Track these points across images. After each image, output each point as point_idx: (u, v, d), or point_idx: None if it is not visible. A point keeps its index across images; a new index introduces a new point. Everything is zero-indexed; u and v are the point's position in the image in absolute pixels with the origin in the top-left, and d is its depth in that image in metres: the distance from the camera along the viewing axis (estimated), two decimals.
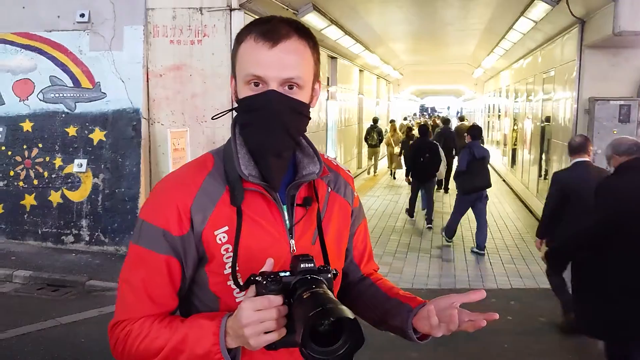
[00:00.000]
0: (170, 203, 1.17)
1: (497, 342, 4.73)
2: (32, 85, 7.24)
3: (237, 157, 1.18)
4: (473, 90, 26.16)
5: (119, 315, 1.19)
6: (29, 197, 7.27)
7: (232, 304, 1.15)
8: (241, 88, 1.17)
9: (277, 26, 1.15)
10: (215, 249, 1.17)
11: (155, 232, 1.16)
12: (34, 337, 4.58)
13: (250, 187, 1.17)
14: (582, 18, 7.25)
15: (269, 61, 1.12)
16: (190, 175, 1.21)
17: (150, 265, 1.17)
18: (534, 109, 11.08)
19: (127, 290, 1.19)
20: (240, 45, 1.17)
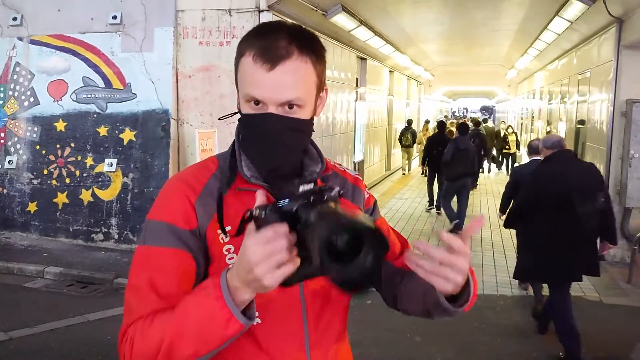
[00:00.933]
0: (176, 199, 1.15)
1: (524, 350, 4.60)
2: (66, 86, 7.41)
3: (240, 159, 1.18)
4: (506, 91, 25.68)
5: (127, 321, 1.10)
6: (61, 195, 7.44)
7: None
8: (242, 102, 1.15)
9: (276, 43, 1.09)
10: (218, 249, 1.14)
11: (161, 228, 1.13)
12: (62, 333, 4.68)
13: (252, 188, 1.14)
14: (620, 17, 7.02)
15: (266, 85, 1.09)
16: (194, 175, 1.20)
17: (157, 261, 1.11)
18: (568, 111, 10.79)
19: (134, 294, 1.11)
20: (240, 60, 1.13)
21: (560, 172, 4.13)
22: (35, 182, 7.54)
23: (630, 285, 6.37)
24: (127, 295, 1.13)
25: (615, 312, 5.67)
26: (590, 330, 5.14)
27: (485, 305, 5.80)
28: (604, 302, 5.89)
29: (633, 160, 6.94)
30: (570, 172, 4.16)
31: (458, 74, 23.94)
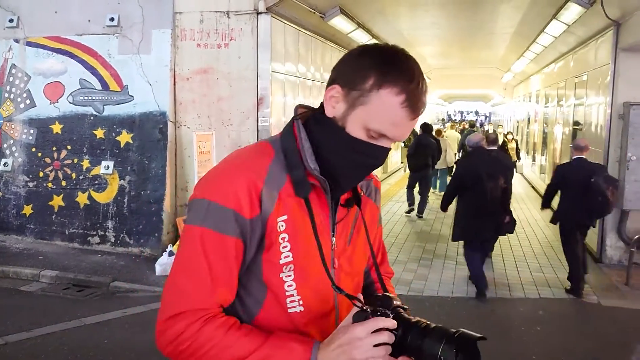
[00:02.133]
0: (242, 184, 1.13)
1: (526, 353, 4.59)
2: (63, 88, 7.37)
3: (304, 150, 1.19)
4: (502, 94, 25.75)
5: (180, 306, 1.11)
6: (57, 198, 7.39)
7: (280, 297, 1.18)
8: (356, 126, 1.15)
9: (424, 96, 1.15)
10: (275, 236, 1.16)
11: (225, 214, 1.12)
12: (58, 337, 4.63)
13: (311, 180, 1.19)
14: (618, 20, 7.03)
15: (405, 130, 1.15)
16: (257, 160, 1.19)
17: (219, 248, 1.12)
18: (565, 114, 10.81)
19: (188, 277, 1.12)
20: (382, 90, 1.11)
21: (478, 162, 6.06)
22: (30, 185, 7.49)
23: (628, 288, 6.37)
24: (178, 277, 1.13)
25: (613, 314, 5.66)
26: (588, 332, 5.17)
27: (482, 307, 5.80)
28: (602, 304, 5.89)
29: (630, 162, 6.95)
30: (482, 162, 6.03)
31: (454, 77, 23.94)
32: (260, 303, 1.19)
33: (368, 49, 1.20)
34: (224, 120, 7.16)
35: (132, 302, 5.56)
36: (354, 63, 1.17)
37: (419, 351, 1.08)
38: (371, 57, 1.15)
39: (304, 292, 1.19)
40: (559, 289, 6.36)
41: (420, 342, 1.07)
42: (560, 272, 6.84)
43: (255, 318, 1.19)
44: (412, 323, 1.10)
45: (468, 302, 5.99)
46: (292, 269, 1.17)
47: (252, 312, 1.19)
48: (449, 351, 1.04)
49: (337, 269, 1.24)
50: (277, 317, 1.19)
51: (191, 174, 7.03)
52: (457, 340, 1.05)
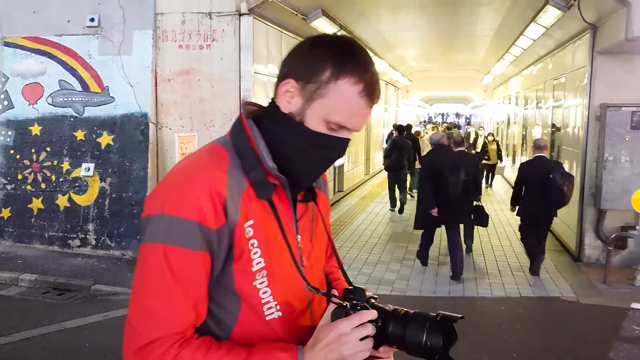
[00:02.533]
0: (203, 192, 1.05)
1: (507, 351, 4.65)
2: (42, 89, 7.26)
3: (259, 149, 1.14)
4: (482, 97, 26.05)
5: (153, 333, 1.02)
6: (36, 201, 7.29)
7: (256, 305, 1.12)
8: (316, 120, 1.12)
9: (378, 83, 1.14)
10: (245, 244, 1.10)
11: (189, 227, 1.04)
12: (38, 342, 4.56)
13: (271, 180, 1.15)
14: (594, 24, 7.17)
15: (363, 119, 1.15)
16: (215, 163, 1.11)
17: (187, 266, 1.04)
18: (544, 116, 10.98)
19: (157, 300, 1.03)
20: (339, 81, 1.10)
21: (439, 157, 6.74)
22: (9, 188, 7.36)
23: (605, 286, 6.49)
24: (146, 301, 1.04)
25: (592, 312, 5.77)
26: (568, 329, 5.25)
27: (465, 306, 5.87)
28: (581, 302, 6.00)
29: (607, 163, 7.08)
30: (444, 158, 6.74)
31: (435, 80, 24.16)
32: (235, 316, 1.13)
33: (320, 40, 1.17)
34: (206, 122, 7.12)
35: (113, 305, 5.50)
36: (307, 55, 1.14)
37: (402, 340, 1.07)
38: (326, 49, 1.13)
39: (280, 296, 1.15)
40: (538, 287, 6.46)
41: (402, 330, 1.07)
42: (541, 272, 6.95)
43: (232, 332, 1.13)
44: (390, 312, 1.10)
45: (450, 302, 6.05)
46: (265, 274, 1.13)
47: (228, 326, 1.13)
48: (434, 335, 1.05)
49: (305, 266, 1.21)
50: (255, 327, 1.13)
51: None
52: (440, 324, 1.05)
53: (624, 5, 6.07)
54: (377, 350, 1.10)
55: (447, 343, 1.05)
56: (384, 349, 1.12)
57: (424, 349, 1.05)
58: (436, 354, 1.05)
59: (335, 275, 1.43)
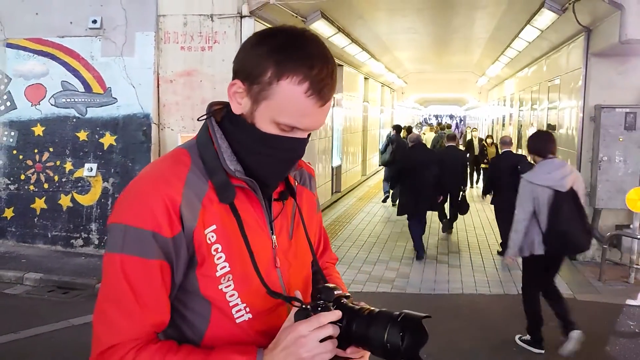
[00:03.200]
0: (157, 201, 1.05)
1: (506, 345, 4.76)
2: (44, 90, 7.33)
3: (221, 152, 1.12)
4: (477, 98, 26.24)
5: (111, 339, 1.04)
6: (39, 201, 7.34)
7: (225, 309, 1.12)
8: (265, 122, 1.08)
9: (330, 79, 1.07)
10: (207, 249, 1.09)
11: (143, 236, 1.04)
12: (46, 338, 4.63)
13: (235, 183, 1.12)
14: (589, 26, 7.32)
15: (315, 118, 1.09)
16: (171, 171, 1.10)
17: (143, 274, 1.05)
18: (539, 117, 11.13)
19: (116, 308, 1.05)
20: (282, 81, 1.05)
21: (415, 154, 7.69)
22: (12, 188, 7.42)
23: (601, 283, 6.63)
24: (106, 308, 1.06)
25: (588, 308, 5.89)
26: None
27: (464, 303, 5.98)
28: (578, 299, 6.12)
29: (602, 163, 7.23)
30: (419, 154, 7.65)
31: (430, 81, 24.34)
32: (206, 319, 1.13)
33: (264, 35, 1.10)
34: None
35: None
36: (250, 54, 1.08)
37: (365, 339, 1.05)
38: (267, 45, 1.06)
39: (248, 298, 1.13)
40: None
41: (366, 329, 1.04)
42: None
43: (205, 335, 1.13)
44: (355, 311, 1.07)
45: (450, 299, 6.16)
46: (231, 278, 1.11)
47: (200, 329, 1.13)
48: (394, 334, 1.01)
49: (281, 267, 1.19)
50: (227, 330, 1.13)
51: None
52: (401, 323, 1.02)
53: (617, 8, 6.21)
54: (344, 351, 1.08)
55: (415, 343, 1.02)
56: (352, 350, 1.09)
57: (385, 349, 1.02)
58: (397, 354, 1.01)
59: (329, 271, 1.43)
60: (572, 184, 4.30)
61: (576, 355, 4.50)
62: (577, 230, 4.28)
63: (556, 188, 4.26)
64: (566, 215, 4.24)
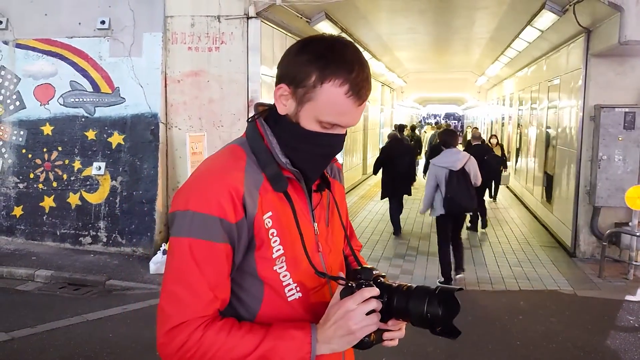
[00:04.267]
0: (222, 190, 1.17)
1: (510, 340, 4.89)
2: (53, 90, 7.43)
3: (272, 147, 1.25)
4: (476, 98, 26.36)
5: (180, 317, 1.14)
6: (48, 199, 7.45)
7: (278, 288, 1.23)
8: (309, 121, 1.21)
9: (367, 82, 1.20)
10: (265, 233, 1.20)
11: (211, 222, 1.15)
12: (63, 332, 4.74)
13: (286, 174, 1.25)
14: (588, 27, 7.45)
15: (353, 116, 1.22)
16: (232, 163, 1.23)
17: (210, 256, 1.16)
18: (538, 117, 11.26)
19: (184, 287, 1.15)
20: (324, 85, 1.17)
21: (391, 147, 9.10)
22: (21, 186, 7.52)
23: (601, 279, 6.76)
24: (174, 288, 1.16)
25: (588, 304, 6.03)
26: (566, 319, 5.51)
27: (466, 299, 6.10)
28: (578, 295, 6.25)
29: (602, 162, 7.36)
30: (395, 147, 9.08)
31: (429, 81, 24.45)
32: (259, 299, 1.23)
33: (306, 43, 1.22)
34: (215, 122, 7.33)
35: (130, 299, 5.69)
36: (295, 60, 1.21)
37: (406, 312, 1.17)
38: (309, 53, 1.19)
39: (299, 278, 1.24)
40: (537, 281, 6.72)
41: (405, 303, 1.16)
42: (538, 267, 7.22)
43: (258, 314, 1.23)
44: (394, 288, 1.19)
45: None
46: (284, 260, 1.22)
47: (254, 309, 1.23)
48: (433, 305, 1.14)
49: (322, 252, 1.31)
50: (279, 308, 1.23)
51: (183, 175, 7.18)
52: (439, 296, 1.15)
53: (617, 10, 6.34)
54: (386, 324, 1.21)
55: (450, 313, 1.15)
56: (393, 322, 1.22)
57: (425, 319, 1.15)
58: (437, 323, 1.15)
59: (352, 258, 1.55)
60: (464, 165, 6.26)
61: (578, 348, 4.64)
62: (464, 196, 6.24)
63: (450, 168, 6.21)
64: (455, 186, 6.17)
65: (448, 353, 4.54)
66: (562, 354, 4.63)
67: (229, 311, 1.23)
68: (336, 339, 1.17)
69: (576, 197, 7.80)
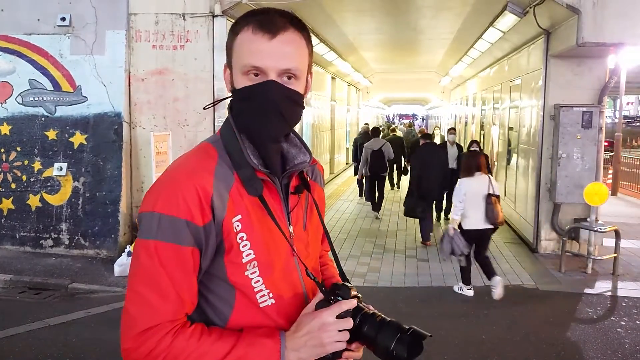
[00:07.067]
0: (190, 192, 1.13)
1: (476, 334, 4.99)
2: (11, 89, 7.20)
3: (245, 147, 1.20)
4: (440, 98, 26.78)
5: (145, 322, 1.10)
6: (7, 201, 7.21)
7: (250, 294, 1.19)
8: (239, 78, 1.19)
9: (274, 18, 1.18)
10: (233, 237, 1.16)
11: (177, 224, 1.12)
12: (24, 338, 4.60)
13: (260, 176, 1.21)
14: (548, 29, 7.66)
15: (268, 52, 1.16)
16: (202, 163, 1.19)
17: (176, 260, 1.12)
18: (500, 116, 11.52)
19: (152, 291, 1.11)
20: (237, 36, 1.19)
21: (362, 139, 11.66)
22: None
23: (561, 274, 6.97)
24: (141, 291, 1.12)
25: (550, 297, 6.21)
26: (529, 313, 5.66)
27: (434, 295, 6.20)
28: (540, 289, 6.43)
29: (561, 160, 7.58)
30: (364, 139, 11.48)
31: (394, 81, 24.72)
32: (231, 304, 1.19)
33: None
34: (180, 121, 7.23)
35: (94, 303, 5.56)
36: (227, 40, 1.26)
37: (373, 341, 1.17)
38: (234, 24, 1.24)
39: (272, 284, 1.21)
40: (501, 276, 6.86)
41: (375, 333, 1.16)
42: (502, 263, 7.39)
43: (229, 319, 1.19)
44: (369, 315, 1.18)
45: (420, 291, 6.37)
46: (256, 265, 1.18)
47: (225, 314, 1.20)
48: (401, 346, 1.14)
49: (300, 256, 1.27)
50: (251, 315, 1.20)
51: (147, 175, 7.06)
52: (410, 337, 1.14)
53: (575, 13, 6.56)
54: (350, 345, 1.19)
55: (412, 354, 1.15)
56: (356, 345, 1.21)
57: (390, 355, 1.15)
58: None
59: (323, 260, 1.53)
60: (381, 147, 10.38)
61: (541, 341, 4.78)
62: (378, 165, 10.40)
63: (373, 149, 10.28)
64: (373, 160, 10.34)
65: None
66: (525, 347, 4.75)
67: (199, 316, 1.20)
68: (306, 349, 1.15)
69: (537, 194, 8.01)
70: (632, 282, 6.65)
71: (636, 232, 9.21)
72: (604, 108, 7.72)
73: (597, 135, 7.50)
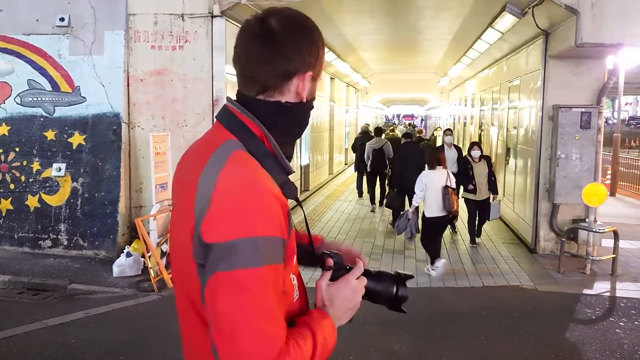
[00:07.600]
0: (277, 206, 1.08)
1: (475, 334, 4.99)
2: (9, 89, 7.19)
3: (279, 152, 1.19)
4: (438, 98, 26.80)
5: (267, 355, 1.02)
6: (5, 202, 7.20)
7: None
8: (314, 89, 1.27)
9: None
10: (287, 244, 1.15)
11: (276, 243, 1.07)
12: (22, 339, 4.59)
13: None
14: (547, 30, 7.67)
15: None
16: (265, 176, 1.12)
17: (276, 279, 1.09)
18: (499, 117, 11.53)
19: (270, 322, 1.04)
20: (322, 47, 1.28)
21: (360, 139, 12.37)
22: None
23: (560, 274, 6.97)
24: (261, 325, 1.03)
25: (548, 298, 6.21)
26: (528, 313, 5.66)
27: (433, 295, 6.21)
28: (539, 290, 6.43)
29: (560, 160, 7.59)
30: (365, 139, 11.90)
31: (393, 82, 24.73)
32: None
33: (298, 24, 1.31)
34: (178, 121, 7.23)
35: (93, 303, 5.55)
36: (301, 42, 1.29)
37: (375, 292, 1.33)
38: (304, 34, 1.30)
39: (298, 279, 1.29)
40: (499, 277, 6.87)
41: (375, 285, 1.33)
42: (501, 264, 7.39)
43: None
44: (366, 271, 1.34)
45: (421, 292, 6.37)
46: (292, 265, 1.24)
47: None
48: (402, 289, 1.35)
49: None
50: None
51: (146, 175, 7.05)
52: (404, 280, 1.37)
53: (574, 13, 6.56)
54: None
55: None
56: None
57: (395, 298, 1.35)
58: (402, 302, 1.36)
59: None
60: (382, 146, 10.88)
61: (540, 341, 4.77)
62: (379, 162, 10.98)
63: (374, 147, 10.86)
64: (374, 158, 10.98)
65: (415, 350, 4.60)
66: (524, 347, 4.75)
67: None
68: (345, 313, 1.26)
69: (536, 194, 8.02)
70: (631, 282, 6.66)
71: (635, 232, 9.22)
72: (603, 109, 7.73)
73: (596, 135, 7.51)
